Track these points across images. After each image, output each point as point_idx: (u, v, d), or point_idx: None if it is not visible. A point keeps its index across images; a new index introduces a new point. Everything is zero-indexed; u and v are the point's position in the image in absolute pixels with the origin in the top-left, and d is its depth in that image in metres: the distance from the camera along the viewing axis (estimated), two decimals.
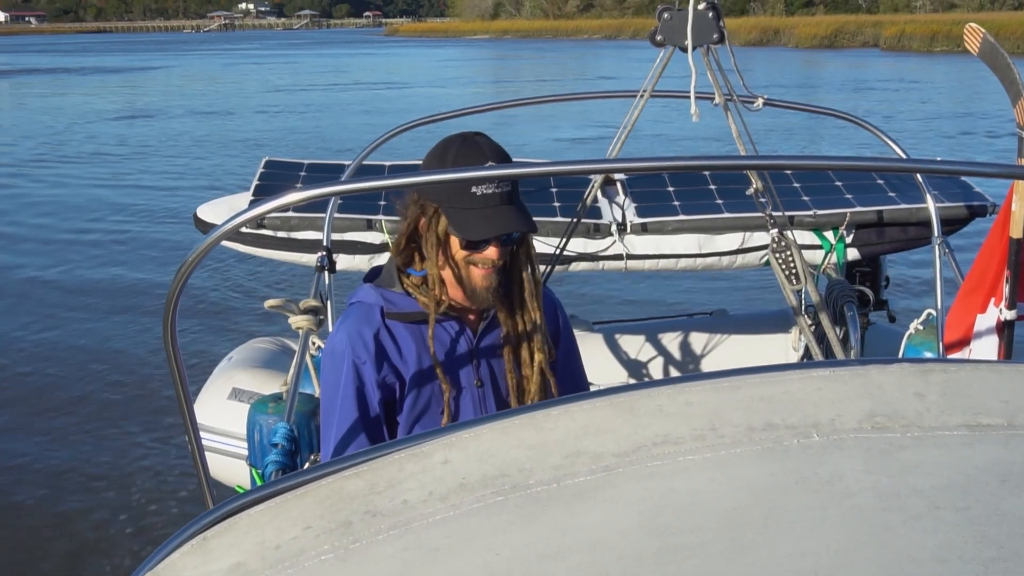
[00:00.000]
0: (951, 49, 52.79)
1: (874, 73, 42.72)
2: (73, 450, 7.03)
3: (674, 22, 3.93)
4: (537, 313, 2.47)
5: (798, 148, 20.73)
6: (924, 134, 22.69)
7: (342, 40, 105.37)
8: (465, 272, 2.36)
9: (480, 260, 2.34)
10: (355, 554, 1.15)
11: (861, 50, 60.20)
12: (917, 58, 52.39)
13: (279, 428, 3.10)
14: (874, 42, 62.73)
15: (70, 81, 47.26)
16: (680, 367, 5.61)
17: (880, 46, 60.90)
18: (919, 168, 2.76)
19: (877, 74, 42.09)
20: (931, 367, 1.37)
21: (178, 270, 1.76)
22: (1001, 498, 1.13)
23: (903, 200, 4.88)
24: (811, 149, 20.62)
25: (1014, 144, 3.61)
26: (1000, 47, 3.76)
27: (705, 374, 1.38)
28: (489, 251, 2.33)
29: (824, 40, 65.38)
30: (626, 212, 4.88)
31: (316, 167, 5.58)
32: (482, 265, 2.34)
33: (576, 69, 51.91)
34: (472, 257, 2.34)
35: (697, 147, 16.43)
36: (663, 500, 1.16)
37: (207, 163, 21.03)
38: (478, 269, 2.35)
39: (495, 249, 2.33)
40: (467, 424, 1.34)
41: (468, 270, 2.36)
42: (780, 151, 18.77)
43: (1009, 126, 21.52)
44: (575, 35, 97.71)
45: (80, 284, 11.47)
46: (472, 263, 2.34)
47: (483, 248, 2.33)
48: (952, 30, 54.66)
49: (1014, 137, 3.63)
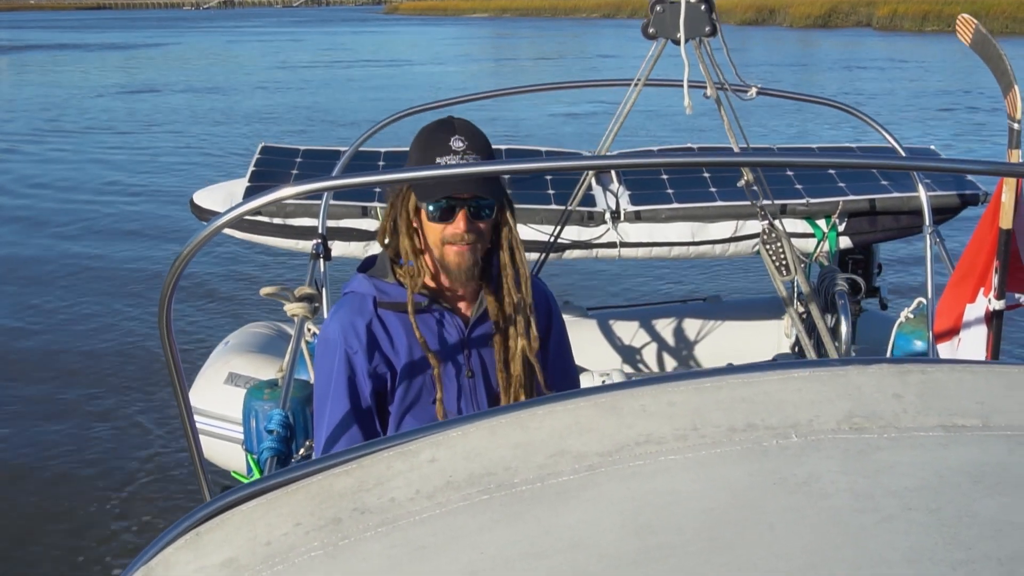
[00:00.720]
0: (942, 29, 52.58)
1: (866, 52, 42.92)
2: (67, 435, 7.03)
3: (666, 15, 3.94)
4: (521, 299, 2.48)
5: (791, 129, 20.69)
6: (908, 110, 23.01)
7: (342, 18, 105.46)
8: (440, 252, 2.38)
9: (451, 236, 2.35)
10: (344, 551, 1.18)
11: (855, 29, 60.30)
12: (909, 37, 52.70)
13: (274, 415, 3.12)
14: (867, 22, 62.54)
15: (76, 56, 47.28)
16: (674, 353, 5.64)
17: (873, 26, 61.03)
18: (913, 166, 2.78)
19: (868, 53, 42.34)
20: (909, 368, 1.39)
21: (173, 262, 1.79)
22: (973, 499, 1.15)
23: (896, 189, 4.91)
24: (804, 131, 20.57)
25: (992, 118, 3.64)
26: (992, 38, 3.77)
27: (687, 373, 1.40)
28: (457, 223, 2.34)
29: (818, 20, 65.29)
30: (620, 200, 4.90)
31: (312, 153, 5.58)
32: (455, 242, 2.36)
33: (575, 47, 51.99)
34: (445, 234, 2.36)
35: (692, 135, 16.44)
36: (645, 500, 1.18)
37: (211, 139, 21.23)
38: (452, 247, 2.37)
39: (462, 222, 2.34)
40: (454, 422, 1.36)
41: (443, 249, 2.38)
42: (772, 130, 18.77)
43: (989, 102, 21.23)
44: (573, 14, 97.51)
45: (77, 263, 11.43)
46: (447, 241, 2.36)
47: (451, 220, 2.35)
48: (943, 10, 55.07)
49: (993, 112, 3.65)
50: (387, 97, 27.13)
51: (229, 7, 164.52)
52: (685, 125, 16.78)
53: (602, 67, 39.08)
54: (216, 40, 61.88)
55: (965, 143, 18.08)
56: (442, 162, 2.31)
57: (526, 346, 2.49)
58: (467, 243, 2.36)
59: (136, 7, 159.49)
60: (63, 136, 21.63)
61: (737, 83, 4.21)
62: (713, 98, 4.14)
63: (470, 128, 2.40)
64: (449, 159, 2.31)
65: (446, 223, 2.35)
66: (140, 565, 1.29)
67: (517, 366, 2.50)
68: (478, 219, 2.37)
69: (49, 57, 47.06)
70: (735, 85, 4.21)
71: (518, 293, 2.47)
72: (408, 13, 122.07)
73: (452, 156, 2.32)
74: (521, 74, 37.19)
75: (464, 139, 2.35)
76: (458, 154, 2.32)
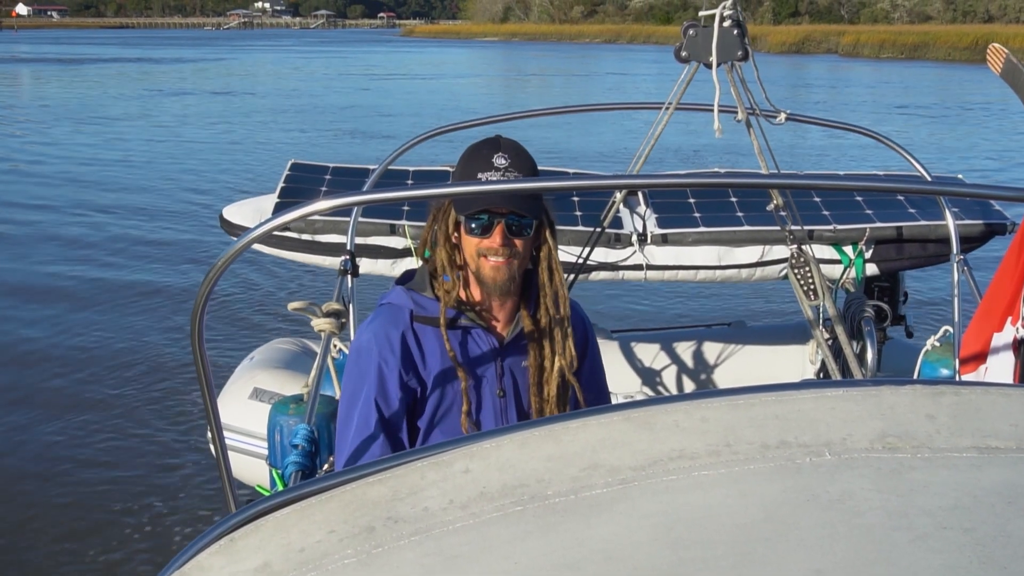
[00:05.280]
0: (895, 56, 66.77)
1: (842, 74, 51.07)
2: (89, 449, 7.08)
3: (699, 38, 3.95)
4: (559, 317, 2.48)
5: (816, 158, 20.74)
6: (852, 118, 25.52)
7: (366, 39, 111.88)
8: (476, 264, 2.40)
9: (486, 248, 2.37)
10: (377, 559, 1.18)
11: (823, 55, 71.05)
12: (869, 62, 63.38)
13: (299, 430, 3.12)
14: (835, 49, 73.90)
15: (150, 68, 53.79)
16: (696, 377, 5.62)
17: (839, 52, 72.52)
18: (942, 191, 2.78)
19: (826, 75, 50.66)
20: (943, 389, 1.39)
21: (206, 275, 1.80)
22: (1007, 520, 1.14)
23: (923, 216, 4.89)
24: (829, 159, 20.63)
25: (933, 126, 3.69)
26: (1022, 67, 3.77)
27: (721, 391, 1.40)
28: (494, 237, 2.36)
29: (793, 47, 76.02)
30: (647, 223, 4.90)
31: (341, 171, 5.61)
32: (490, 254, 2.37)
33: (583, 67, 58.76)
34: (480, 246, 2.37)
35: (720, 160, 16.52)
36: (677, 514, 1.18)
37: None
38: (487, 260, 2.38)
39: (499, 236, 2.36)
40: (488, 434, 1.36)
41: (479, 262, 2.39)
42: (798, 163, 18.77)
43: (922, 110, 27.36)
44: (578, 39, 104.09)
45: (106, 280, 11.54)
46: (482, 253, 2.38)
47: (488, 234, 2.36)
48: (897, 39, 69.98)
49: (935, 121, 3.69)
50: (415, 112, 30.64)
51: (248, 27, 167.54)
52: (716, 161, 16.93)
53: (607, 84, 44.32)
54: (268, 57, 69.25)
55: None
56: (483, 177, 2.34)
57: (564, 365, 2.50)
58: (502, 257, 2.37)
59: (156, 27, 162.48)
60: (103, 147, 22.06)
61: (767, 108, 4.21)
62: (743, 121, 4.14)
63: (516, 147, 2.42)
64: (490, 175, 2.34)
65: (483, 237, 2.37)
66: (174, 569, 1.30)
67: (552, 387, 2.50)
68: (515, 235, 2.38)
69: (135, 67, 53.84)
70: (766, 110, 4.21)
71: (556, 311, 2.48)
72: (424, 36, 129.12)
73: (493, 172, 2.34)
74: (536, 91, 41.54)
75: (508, 157, 2.37)
76: (499, 171, 2.35)
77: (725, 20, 3.91)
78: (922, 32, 71.60)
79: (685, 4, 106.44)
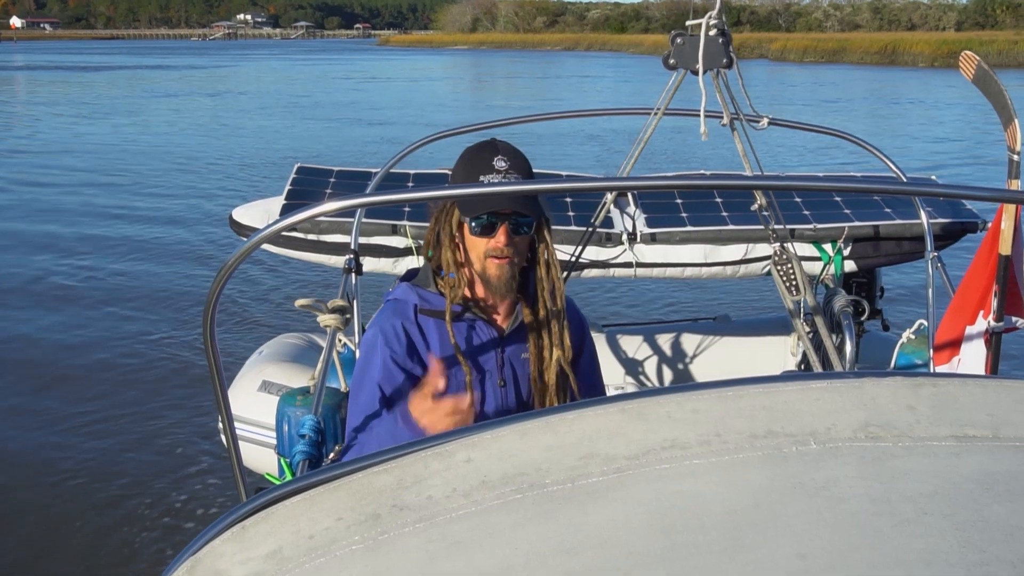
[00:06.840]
0: (817, 60, 74.03)
1: (763, 76, 54.65)
2: (106, 441, 7.08)
3: (686, 47, 3.94)
4: (556, 310, 2.49)
5: (796, 157, 20.78)
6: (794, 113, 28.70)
7: (346, 48, 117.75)
8: (481, 265, 2.40)
9: (492, 249, 2.37)
10: (383, 545, 1.18)
11: (756, 60, 75.30)
12: (795, 66, 68.96)
13: (307, 420, 3.12)
14: (765, 54, 79.48)
15: (159, 75, 56.07)
16: (684, 370, 5.62)
17: (768, 57, 78.35)
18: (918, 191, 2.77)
19: (764, 76, 54.13)
20: (922, 381, 1.39)
21: (218, 273, 1.79)
22: (984, 505, 1.14)
23: (898, 215, 4.89)
24: (807, 159, 20.67)
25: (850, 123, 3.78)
26: (993, 74, 3.77)
27: (711, 383, 1.40)
28: (498, 238, 2.36)
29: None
30: (636, 223, 4.90)
31: (345, 174, 5.59)
32: (496, 255, 2.37)
33: (549, 71, 64.33)
34: (487, 247, 2.38)
35: (706, 163, 16.57)
36: (670, 501, 1.18)
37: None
38: (493, 260, 2.38)
39: (503, 236, 2.36)
40: (487, 425, 1.36)
41: (484, 262, 2.39)
42: (782, 162, 18.81)
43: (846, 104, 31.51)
44: (540, 47, 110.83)
45: (116, 281, 11.51)
46: (488, 254, 2.38)
47: (492, 235, 2.36)
48: (819, 45, 77.57)
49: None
50: (403, 108, 33.03)
51: (233, 38, 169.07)
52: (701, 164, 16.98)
53: (569, 84, 50.13)
54: (260, 66, 70.82)
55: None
56: (485, 180, 2.33)
57: (561, 356, 2.50)
58: (507, 256, 2.37)
59: (145, 38, 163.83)
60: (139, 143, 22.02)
61: (750, 113, 4.21)
62: (728, 125, 4.14)
63: (512, 150, 2.42)
64: (492, 178, 2.34)
65: (488, 237, 2.37)
66: (188, 556, 1.30)
67: (551, 376, 2.51)
68: (517, 234, 2.39)
69: (103, 77, 54.34)
70: (749, 115, 4.21)
71: (553, 304, 2.48)
72: (399, 45, 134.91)
73: (495, 175, 2.34)
74: (514, 94, 43.86)
75: (507, 159, 2.37)
76: (500, 173, 2.34)
77: (711, 29, 3.91)
78: (841, 39, 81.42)
79: (638, 15, 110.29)
